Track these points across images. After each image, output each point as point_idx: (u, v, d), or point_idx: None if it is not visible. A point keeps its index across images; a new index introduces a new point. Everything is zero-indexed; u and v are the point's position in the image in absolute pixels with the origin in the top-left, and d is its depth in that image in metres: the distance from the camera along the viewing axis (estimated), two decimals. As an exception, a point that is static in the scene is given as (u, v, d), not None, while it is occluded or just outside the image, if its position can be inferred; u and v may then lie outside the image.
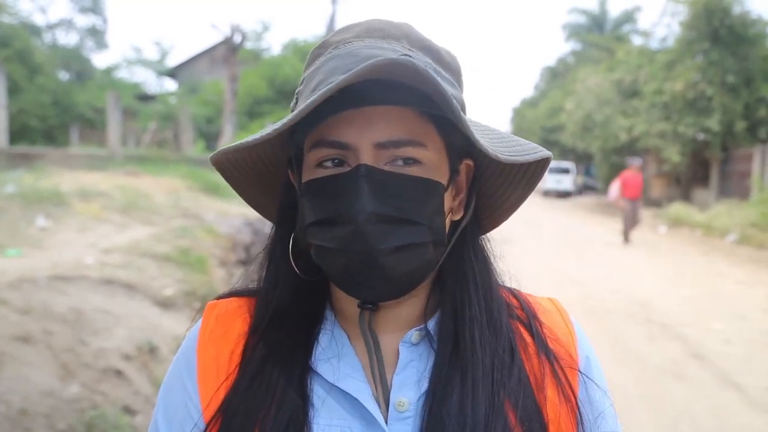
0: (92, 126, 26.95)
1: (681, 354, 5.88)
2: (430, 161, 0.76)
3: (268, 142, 0.76)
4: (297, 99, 0.81)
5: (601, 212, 23.79)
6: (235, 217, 10.08)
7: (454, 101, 0.67)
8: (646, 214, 20.84)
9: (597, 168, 31.56)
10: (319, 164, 0.76)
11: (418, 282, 0.79)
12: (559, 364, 0.82)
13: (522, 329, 0.84)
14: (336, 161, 0.75)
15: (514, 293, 0.89)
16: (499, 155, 0.73)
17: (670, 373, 5.34)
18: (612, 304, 7.81)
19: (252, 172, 0.86)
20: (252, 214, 10.75)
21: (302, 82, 0.80)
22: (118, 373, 4.04)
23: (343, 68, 0.73)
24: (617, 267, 10.85)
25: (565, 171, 33.39)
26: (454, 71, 0.82)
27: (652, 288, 9.04)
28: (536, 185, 0.85)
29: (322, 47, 0.81)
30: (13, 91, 20.02)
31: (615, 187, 14.49)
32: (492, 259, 0.87)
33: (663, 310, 7.61)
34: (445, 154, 0.78)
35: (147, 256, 6.61)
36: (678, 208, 18.77)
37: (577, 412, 0.80)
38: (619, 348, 5.96)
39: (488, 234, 0.90)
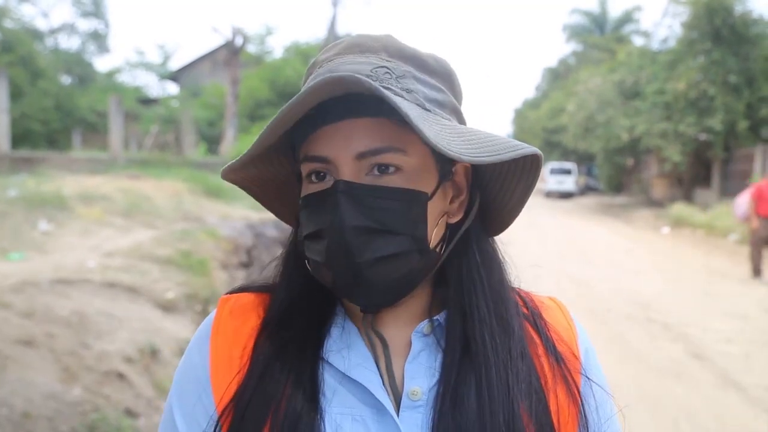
0: (94, 130, 27.03)
1: (682, 354, 5.89)
2: (412, 167, 0.77)
3: (277, 161, 0.84)
4: None
5: (603, 213, 23.80)
6: (237, 220, 10.10)
7: (398, 103, 0.68)
8: (647, 214, 20.83)
9: (599, 169, 31.53)
10: (308, 177, 0.79)
11: (412, 287, 0.81)
12: (566, 367, 0.83)
13: (530, 328, 0.86)
14: (320, 174, 0.78)
15: (516, 291, 0.90)
16: (462, 155, 0.72)
17: (671, 372, 5.35)
18: (613, 304, 7.82)
19: (271, 186, 0.89)
20: (254, 216, 10.75)
21: None
22: (121, 376, 4.06)
23: None
24: (618, 267, 10.85)
25: (567, 172, 33.31)
26: (441, 75, 0.83)
27: (654, 288, 9.05)
28: (534, 185, 0.85)
29: (312, 66, 0.84)
30: (15, 95, 20.08)
31: (743, 201, 10.63)
32: (502, 261, 0.88)
33: (664, 309, 7.62)
34: (432, 158, 0.79)
35: (149, 259, 6.64)
36: (680, 208, 18.74)
37: (582, 413, 0.82)
38: (619, 348, 5.97)
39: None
